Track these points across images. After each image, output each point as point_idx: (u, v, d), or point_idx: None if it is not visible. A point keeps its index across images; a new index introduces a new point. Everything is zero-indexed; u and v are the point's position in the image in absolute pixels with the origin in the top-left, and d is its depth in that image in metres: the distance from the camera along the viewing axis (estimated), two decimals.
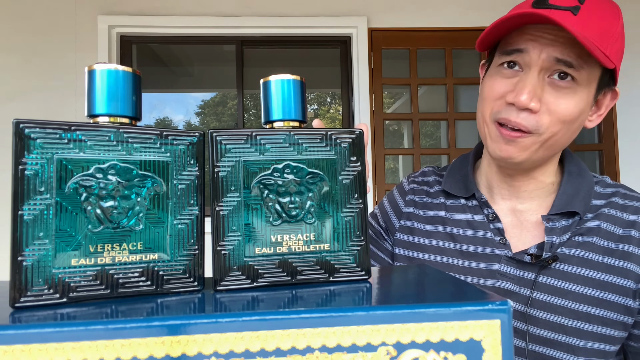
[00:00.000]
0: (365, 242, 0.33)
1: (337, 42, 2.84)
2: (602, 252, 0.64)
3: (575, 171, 0.70)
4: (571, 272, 0.63)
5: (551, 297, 0.62)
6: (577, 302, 0.62)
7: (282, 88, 0.32)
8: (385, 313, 0.24)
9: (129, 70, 0.29)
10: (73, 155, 0.27)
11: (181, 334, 0.23)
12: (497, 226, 0.68)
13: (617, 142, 2.79)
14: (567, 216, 0.66)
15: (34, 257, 0.26)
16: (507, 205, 0.71)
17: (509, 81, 0.62)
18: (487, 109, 0.65)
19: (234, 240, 0.30)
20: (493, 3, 2.76)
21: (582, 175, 0.69)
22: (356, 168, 0.33)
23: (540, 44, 0.59)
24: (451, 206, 0.74)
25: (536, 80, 0.60)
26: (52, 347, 0.22)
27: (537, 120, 0.60)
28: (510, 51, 0.62)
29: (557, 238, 0.65)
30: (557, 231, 0.65)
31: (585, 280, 0.62)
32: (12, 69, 2.56)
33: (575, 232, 0.65)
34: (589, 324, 0.61)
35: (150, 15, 2.66)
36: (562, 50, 0.58)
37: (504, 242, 0.67)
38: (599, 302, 0.61)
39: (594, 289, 0.62)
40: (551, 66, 0.60)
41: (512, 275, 0.65)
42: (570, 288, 0.62)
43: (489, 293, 0.27)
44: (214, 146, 0.30)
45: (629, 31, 3.20)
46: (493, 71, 0.65)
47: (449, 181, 0.75)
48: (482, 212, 0.70)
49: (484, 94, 0.66)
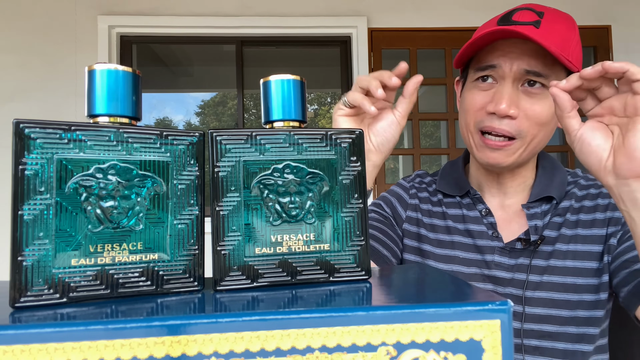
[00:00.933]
0: (366, 242, 0.33)
1: (337, 42, 2.83)
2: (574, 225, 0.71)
3: (548, 166, 0.78)
4: (553, 250, 0.70)
5: (541, 276, 0.69)
6: (563, 276, 0.69)
7: (282, 88, 0.32)
8: (385, 313, 0.24)
9: (129, 70, 0.29)
10: (73, 155, 0.27)
11: (181, 334, 0.23)
12: (490, 220, 0.75)
13: None
14: (545, 201, 0.74)
15: (34, 257, 0.26)
16: (496, 201, 0.77)
17: (486, 93, 0.69)
18: (470, 120, 0.71)
19: (234, 240, 0.30)
20: (493, 3, 2.76)
21: (555, 168, 0.77)
22: (356, 168, 0.33)
23: (510, 58, 0.66)
24: (448, 203, 0.80)
25: (511, 89, 0.67)
26: (52, 347, 0.22)
27: (517, 126, 0.67)
28: (484, 67, 0.69)
29: (540, 221, 0.72)
30: (538, 215, 0.72)
31: (565, 254, 0.70)
32: (12, 69, 2.56)
33: (553, 213, 0.73)
34: (576, 294, 0.68)
35: (150, 15, 2.66)
36: (529, 61, 0.66)
37: (496, 235, 0.74)
38: (581, 271, 0.69)
39: (574, 260, 0.69)
40: (522, 76, 0.67)
41: (506, 264, 0.72)
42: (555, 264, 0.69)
43: (489, 293, 0.27)
44: (214, 146, 0.30)
45: (628, 31, 3.18)
46: (470, 85, 0.72)
47: (442, 182, 0.82)
48: (475, 208, 0.77)
49: (466, 106, 0.72)
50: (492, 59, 0.68)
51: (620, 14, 2.79)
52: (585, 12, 2.77)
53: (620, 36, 2.78)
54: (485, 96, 0.69)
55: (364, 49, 2.71)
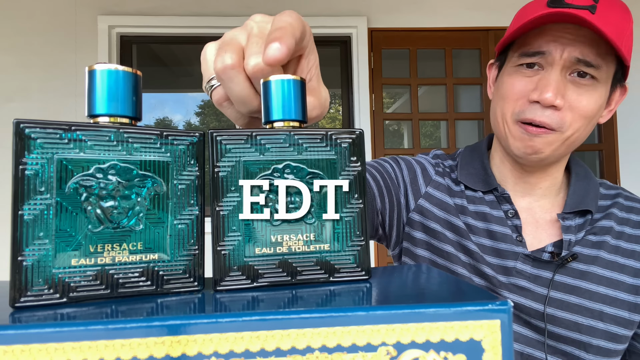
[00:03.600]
0: (366, 242, 0.33)
1: (337, 42, 2.83)
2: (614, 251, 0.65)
3: (582, 173, 0.71)
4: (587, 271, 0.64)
5: (568, 295, 0.64)
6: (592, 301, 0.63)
7: (282, 88, 0.32)
8: (385, 313, 0.24)
9: (129, 70, 0.29)
10: (73, 155, 0.27)
11: (181, 334, 0.23)
12: (516, 223, 0.68)
13: (617, 142, 2.79)
14: (580, 215, 0.67)
15: (34, 257, 0.26)
16: (524, 203, 0.70)
17: (529, 80, 0.62)
18: (508, 108, 0.64)
19: (234, 240, 0.30)
20: (492, 3, 2.77)
21: (588, 177, 0.71)
22: (356, 168, 0.33)
23: (562, 44, 0.59)
24: (470, 197, 0.72)
25: (559, 78, 0.60)
26: (52, 347, 0.22)
27: (560, 118, 0.60)
28: (531, 53, 0.62)
29: (574, 236, 0.65)
30: (572, 229, 0.66)
31: (600, 279, 0.63)
32: (12, 69, 2.55)
33: (589, 230, 0.66)
34: (602, 322, 0.63)
35: (150, 15, 2.65)
36: (582, 50, 0.59)
37: (521, 239, 0.67)
38: (612, 301, 0.63)
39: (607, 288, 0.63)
40: (572, 65, 0.60)
41: (528, 273, 0.66)
42: (585, 287, 0.63)
43: (489, 293, 0.27)
44: (214, 146, 0.30)
45: None
46: (511, 70, 0.65)
47: (464, 173, 0.73)
48: (500, 208, 0.69)
49: (504, 92, 0.64)
50: (542, 44, 0.61)
51: None
52: None
53: None
54: (529, 83, 0.62)
55: (364, 49, 2.71)
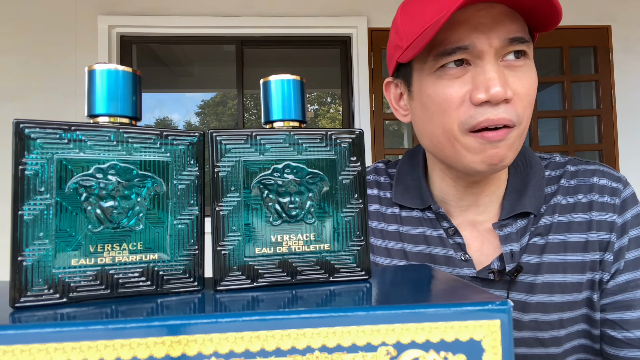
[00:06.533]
0: (366, 242, 0.33)
1: (337, 42, 2.83)
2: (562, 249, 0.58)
3: (521, 162, 0.62)
4: (534, 283, 0.57)
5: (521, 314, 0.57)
6: (547, 313, 0.57)
7: (282, 88, 0.32)
8: (385, 313, 0.24)
9: (129, 70, 0.29)
10: (73, 155, 0.27)
11: (181, 334, 0.23)
12: (458, 241, 0.60)
13: (617, 142, 2.79)
14: (521, 216, 0.59)
15: (34, 257, 0.26)
16: (466, 218, 0.62)
17: (461, 80, 0.52)
18: (451, 121, 0.53)
19: (234, 240, 0.30)
20: None
21: (529, 164, 0.61)
22: (356, 168, 0.33)
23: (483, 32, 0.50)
24: (406, 218, 0.64)
25: (497, 66, 0.51)
26: (52, 347, 0.22)
27: (514, 109, 0.51)
28: (451, 50, 0.51)
29: (516, 245, 0.57)
30: (513, 237, 0.58)
31: (551, 287, 0.57)
32: (12, 69, 2.56)
33: (533, 232, 0.58)
34: (564, 329, 0.57)
35: (150, 15, 2.65)
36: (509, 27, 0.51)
37: (466, 258, 0.59)
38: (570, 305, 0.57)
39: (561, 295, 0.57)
40: (505, 47, 0.51)
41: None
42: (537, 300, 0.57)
43: (489, 293, 0.27)
44: (214, 146, 0.30)
45: (628, 31, 3.16)
46: (432, 78, 0.54)
47: (399, 190, 0.65)
48: (440, 226, 0.61)
49: (439, 105, 0.53)
50: (461, 37, 0.51)
51: (620, 14, 2.79)
52: (585, 12, 2.77)
53: (620, 36, 2.78)
54: (463, 84, 0.52)
55: (364, 49, 2.71)
